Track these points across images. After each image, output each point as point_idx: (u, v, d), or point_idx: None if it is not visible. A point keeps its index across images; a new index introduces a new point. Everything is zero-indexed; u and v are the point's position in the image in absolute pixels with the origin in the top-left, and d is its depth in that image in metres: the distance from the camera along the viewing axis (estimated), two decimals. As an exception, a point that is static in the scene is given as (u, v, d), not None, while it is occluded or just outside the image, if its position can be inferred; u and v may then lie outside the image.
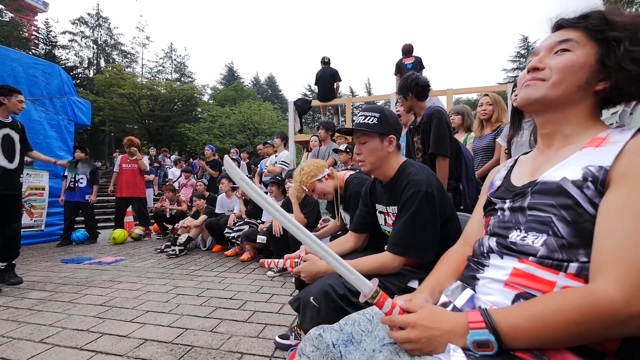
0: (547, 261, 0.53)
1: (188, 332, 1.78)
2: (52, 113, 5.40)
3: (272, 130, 18.44)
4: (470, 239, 0.79)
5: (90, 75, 25.69)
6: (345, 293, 0.98)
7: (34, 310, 2.16)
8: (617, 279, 0.44)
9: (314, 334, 0.69)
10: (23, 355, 1.55)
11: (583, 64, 0.58)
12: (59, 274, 3.13)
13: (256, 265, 3.40)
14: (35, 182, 5.06)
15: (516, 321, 0.48)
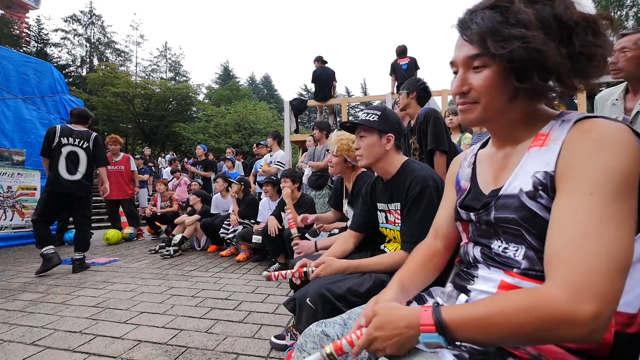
0: (531, 272, 0.54)
1: (183, 333, 1.77)
2: (43, 112, 5.32)
3: (267, 130, 18.37)
4: (440, 231, 0.79)
5: (83, 74, 25.35)
6: (343, 294, 0.98)
7: (25, 312, 2.13)
8: (561, 280, 0.43)
9: (315, 330, 0.68)
10: (14, 358, 1.53)
11: (504, 81, 0.55)
12: (51, 275, 3.09)
13: (252, 265, 3.39)
14: (27, 182, 4.98)
15: (464, 320, 0.48)
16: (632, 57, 1.51)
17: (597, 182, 0.46)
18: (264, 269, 3.09)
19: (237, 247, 3.81)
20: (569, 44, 0.50)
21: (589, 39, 0.50)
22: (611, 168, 0.45)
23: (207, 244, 4.36)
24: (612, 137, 0.47)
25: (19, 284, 2.82)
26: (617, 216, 0.44)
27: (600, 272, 0.41)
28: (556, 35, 0.50)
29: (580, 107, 4.66)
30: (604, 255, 0.42)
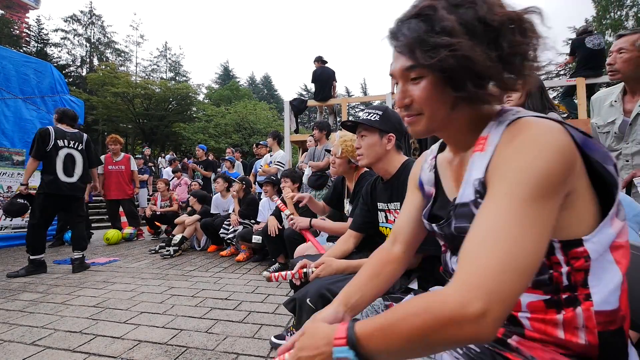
0: None
1: (183, 333, 1.77)
2: (43, 112, 5.32)
3: (267, 130, 18.38)
4: (400, 236, 0.75)
5: (83, 74, 25.36)
6: None
7: (25, 312, 2.13)
8: (458, 280, 0.42)
9: None
10: (14, 358, 1.53)
11: (441, 91, 0.53)
12: (51, 275, 3.09)
13: (252, 265, 3.39)
14: (27, 182, 4.98)
15: (371, 331, 0.46)
16: (629, 59, 1.49)
17: (513, 182, 0.44)
18: (264, 269, 3.09)
19: (237, 247, 3.81)
20: (497, 46, 0.48)
21: (516, 38, 0.48)
22: (530, 168, 0.44)
23: (207, 244, 4.36)
24: (537, 137, 0.46)
25: (19, 283, 2.82)
26: (528, 217, 0.42)
27: (496, 270, 0.40)
28: (483, 39, 0.48)
29: (580, 106, 4.67)
30: (503, 254, 0.41)
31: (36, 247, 3.16)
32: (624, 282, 0.49)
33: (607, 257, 0.49)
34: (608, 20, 17.98)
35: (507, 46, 0.48)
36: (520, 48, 0.49)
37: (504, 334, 0.52)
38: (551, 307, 0.50)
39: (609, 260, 0.49)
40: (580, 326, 0.48)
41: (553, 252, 0.49)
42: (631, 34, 1.51)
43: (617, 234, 0.49)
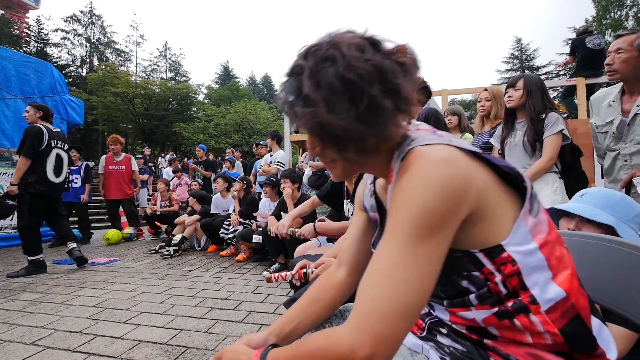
0: (455, 301, 0.54)
1: (183, 333, 1.78)
2: (44, 112, 5.32)
3: (267, 130, 18.37)
4: (345, 257, 0.72)
5: (83, 74, 25.37)
6: None
7: (25, 312, 2.13)
8: (350, 322, 0.44)
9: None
10: (14, 358, 1.54)
11: (331, 147, 0.53)
12: (51, 275, 3.09)
13: (252, 265, 3.39)
14: (27, 182, 4.98)
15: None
16: (627, 59, 1.49)
17: (398, 221, 0.45)
18: (264, 269, 3.09)
19: (237, 247, 3.81)
20: (358, 104, 0.46)
21: (374, 92, 0.46)
22: (412, 207, 0.44)
23: (207, 244, 4.36)
24: (420, 173, 0.45)
25: (19, 283, 2.82)
26: (412, 256, 0.43)
27: (380, 315, 0.42)
28: (343, 98, 0.46)
29: (580, 106, 4.67)
30: (387, 298, 0.42)
31: (32, 248, 3.15)
32: (561, 274, 0.50)
33: (535, 256, 0.49)
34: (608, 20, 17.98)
35: (366, 102, 0.46)
36: (381, 101, 0.47)
37: (478, 337, 0.53)
38: (503, 318, 0.50)
39: (539, 257, 0.49)
40: (542, 331, 0.48)
41: (482, 264, 0.49)
42: (629, 34, 1.51)
43: (532, 231, 0.49)
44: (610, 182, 1.69)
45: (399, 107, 0.49)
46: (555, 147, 1.78)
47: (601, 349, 0.50)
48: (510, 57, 27.39)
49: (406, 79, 0.49)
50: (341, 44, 0.48)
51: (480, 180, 0.47)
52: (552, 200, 1.72)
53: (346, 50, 0.47)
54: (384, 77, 0.47)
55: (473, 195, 0.46)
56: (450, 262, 0.49)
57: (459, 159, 0.47)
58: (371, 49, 0.49)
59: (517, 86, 1.89)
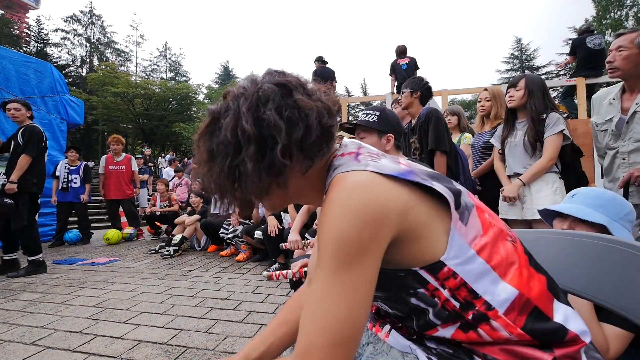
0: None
1: (183, 333, 1.78)
2: (44, 112, 5.32)
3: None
4: (312, 275, 0.72)
5: (83, 74, 25.35)
6: None
7: (25, 312, 2.13)
8: (295, 352, 0.46)
9: None
10: (14, 358, 1.53)
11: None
12: (51, 275, 3.09)
13: (252, 265, 3.39)
14: (27, 182, 4.98)
15: None
16: (628, 56, 1.50)
17: (322, 252, 0.46)
18: (264, 269, 3.09)
19: (237, 247, 3.81)
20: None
21: (244, 155, 0.49)
22: (330, 237, 0.45)
23: (207, 244, 4.36)
24: (337, 202, 0.46)
25: (19, 283, 2.82)
26: (336, 286, 0.44)
27: (318, 346, 0.43)
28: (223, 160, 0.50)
29: (580, 106, 4.67)
30: (322, 330, 0.43)
31: (32, 247, 3.13)
32: (508, 272, 0.50)
33: (475, 262, 0.49)
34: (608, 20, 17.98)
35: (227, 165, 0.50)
36: (242, 165, 0.50)
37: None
38: (467, 330, 0.50)
39: (479, 263, 0.49)
40: (507, 335, 0.48)
41: (425, 280, 0.50)
42: (630, 32, 1.52)
43: (467, 238, 0.49)
44: (609, 182, 1.69)
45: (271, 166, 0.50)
46: (556, 147, 1.78)
47: (572, 333, 0.49)
48: (510, 57, 27.38)
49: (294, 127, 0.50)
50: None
51: (400, 202, 0.47)
52: (552, 200, 1.72)
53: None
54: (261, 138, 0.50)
55: (393, 218, 0.46)
56: (395, 281, 0.51)
57: (374, 183, 0.47)
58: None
59: (518, 86, 1.89)
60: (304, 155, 0.51)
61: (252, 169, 0.49)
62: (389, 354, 0.57)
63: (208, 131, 0.53)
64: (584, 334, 0.50)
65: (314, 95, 0.53)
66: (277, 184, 0.52)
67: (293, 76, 0.55)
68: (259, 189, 0.51)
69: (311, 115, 0.51)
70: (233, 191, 0.52)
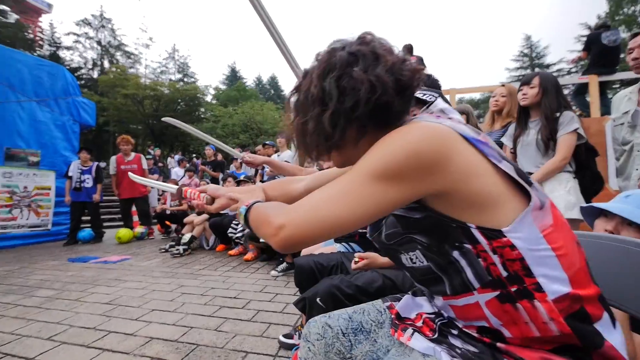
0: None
1: (193, 330, 1.80)
2: (57, 114, 5.46)
3: (274, 131, 18.50)
4: (309, 180, 0.87)
5: (95, 76, 25.86)
6: (353, 293, 0.99)
7: (41, 308, 2.20)
8: (292, 209, 0.54)
9: (320, 321, 0.69)
10: (32, 353, 1.58)
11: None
12: (65, 273, 3.17)
13: (260, 265, 3.42)
14: (42, 182, 5.12)
15: (254, 209, 0.62)
16: None
17: (363, 159, 0.52)
18: (272, 269, 3.11)
19: (245, 247, 3.84)
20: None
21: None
22: (384, 149, 0.50)
23: (216, 243, 4.41)
24: (400, 133, 0.50)
25: (35, 280, 2.90)
26: (357, 186, 0.49)
27: (309, 210, 0.50)
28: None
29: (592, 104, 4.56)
30: (321, 204, 0.50)
31: None
32: (569, 269, 0.50)
33: (540, 246, 0.49)
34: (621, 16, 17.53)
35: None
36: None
37: (491, 340, 0.53)
38: (504, 301, 0.51)
39: (544, 247, 0.49)
40: (547, 320, 0.48)
41: (476, 240, 0.50)
42: None
43: (540, 225, 0.50)
44: (624, 180, 1.66)
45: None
46: (569, 146, 1.74)
47: (609, 343, 0.49)
48: (520, 55, 26.94)
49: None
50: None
51: (465, 164, 0.49)
52: (565, 201, 1.69)
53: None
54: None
55: (452, 171, 0.48)
56: (444, 229, 0.52)
57: (447, 137, 0.49)
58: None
59: (532, 83, 1.86)
60: (354, 126, 0.56)
61: (312, 129, 0.56)
62: (410, 356, 0.57)
63: (294, 91, 0.62)
64: (622, 350, 0.50)
65: (381, 69, 0.54)
66: (333, 146, 0.58)
67: (374, 44, 0.57)
68: (319, 147, 0.58)
69: (362, 88, 0.53)
70: (303, 144, 0.60)
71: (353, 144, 0.58)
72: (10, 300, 2.36)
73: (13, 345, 1.66)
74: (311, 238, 0.49)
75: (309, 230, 0.49)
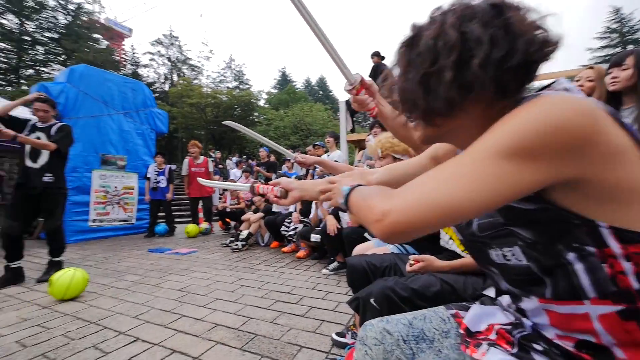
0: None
1: (251, 321, 1.93)
2: (138, 123, 6.33)
3: (323, 131, 18.75)
4: (382, 172, 0.87)
5: (166, 89, 29.26)
6: (409, 296, 0.96)
7: (129, 290, 2.57)
8: (397, 196, 0.49)
9: (377, 325, 0.66)
10: (123, 327, 1.86)
11: None
12: (146, 261, 3.65)
13: (312, 263, 3.51)
14: (128, 183, 5.99)
15: (355, 191, 0.59)
16: None
17: (488, 134, 0.44)
18: (323, 267, 3.17)
19: (297, 245, 3.98)
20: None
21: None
22: (514, 124, 0.42)
23: (270, 240, 4.65)
24: (537, 106, 0.41)
25: (124, 266, 3.40)
26: (478, 165, 0.42)
27: (414, 191, 0.45)
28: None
29: None
30: (429, 188, 0.44)
31: (62, 248, 2.98)
32: None
33: None
34: None
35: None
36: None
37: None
38: (628, 318, 0.42)
39: None
40: None
41: (604, 243, 0.42)
42: None
43: None
44: None
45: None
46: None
47: None
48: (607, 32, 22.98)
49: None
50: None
51: (614, 146, 0.40)
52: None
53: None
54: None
55: (598, 153, 0.39)
56: (561, 225, 0.44)
57: (595, 112, 0.40)
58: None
59: (625, 64, 1.59)
60: (496, 82, 0.46)
61: (446, 80, 0.47)
62: None
63: (408, 44, 0.53)
64: None
65: (527, 25, 0.47)
66: (454, 105, 0.50)
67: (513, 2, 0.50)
68: (444, 103, 0.49)
69: (518, 38, 0.45)
70: (421, 100, 0.51)
71: (467, 112, 0.51)
72: (106, 282, 2.81)
73: (109, 320, 1.98)
74: (420, 226, 0.43)
75: (418, 218, 0.43)
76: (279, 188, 0.83)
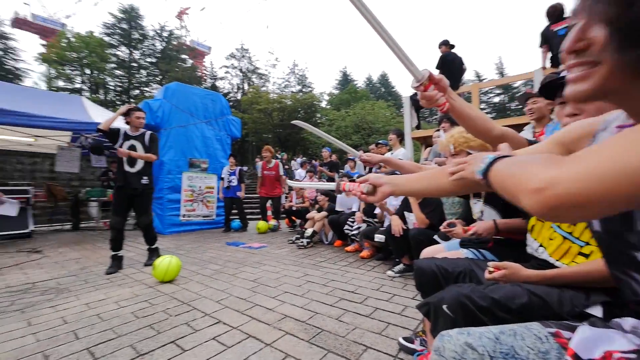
0: None
1: (317, 316, 1.99)
2: (217, 130, 7.11)
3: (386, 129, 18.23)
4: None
5: (238, 97, 32.25)
6: (488, 306, 0.85)
7: (212, 278, 2.91)
8: (560, 168, 0.41)
9: (457, 338, 0.61)
10: (208, 310, 2.12)
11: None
12: (225, 253, 4.08)
13: (376, 263, 3.45)
14: (209, 183, 6.79)
15: (499, 163, 0.54)
16: None
17: None
18: (388, 269, 3.08)
19: (361, 244, 3.96)
20: None
21: None
22: None
23: (334, 238, 4.72)
24: None
25: (207, 257, 3.86)
26: None
27: (590, 159, 0.38)
28: None
29: None
30: (610, 152, 0.36)
31: (155, 238, 3.55)
32: None
33: None
34: None
35: None
36: None
37: None
38: None
39: None
40: None
41: None
42: None
43: None
44: None
45: None
46: None
47: None
48: None
49: None
50: None
51: None
52: None
53: None
54: None
55: None
56: None
57: None
58: None
59: None
60: None
61: None
62: None
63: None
64: None
65: None
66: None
67: None
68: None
69: None
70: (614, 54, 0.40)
71: None
72: (194, 269, 3.24)
73: (197, 302, 2.27)
74: (593, 203, 0.35)
75: (595, 191, 0.35)
76: (367, 184, 0.79)
